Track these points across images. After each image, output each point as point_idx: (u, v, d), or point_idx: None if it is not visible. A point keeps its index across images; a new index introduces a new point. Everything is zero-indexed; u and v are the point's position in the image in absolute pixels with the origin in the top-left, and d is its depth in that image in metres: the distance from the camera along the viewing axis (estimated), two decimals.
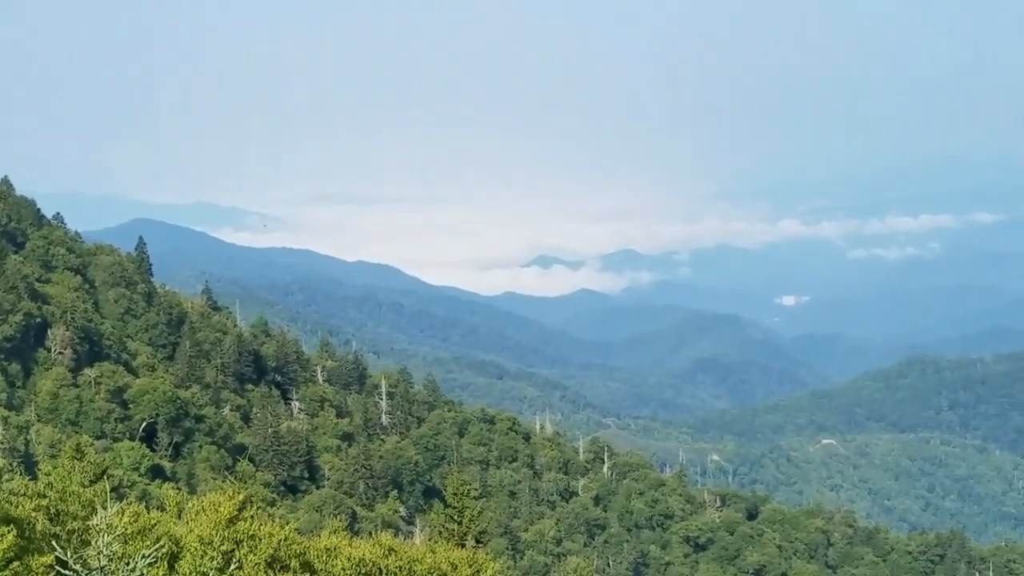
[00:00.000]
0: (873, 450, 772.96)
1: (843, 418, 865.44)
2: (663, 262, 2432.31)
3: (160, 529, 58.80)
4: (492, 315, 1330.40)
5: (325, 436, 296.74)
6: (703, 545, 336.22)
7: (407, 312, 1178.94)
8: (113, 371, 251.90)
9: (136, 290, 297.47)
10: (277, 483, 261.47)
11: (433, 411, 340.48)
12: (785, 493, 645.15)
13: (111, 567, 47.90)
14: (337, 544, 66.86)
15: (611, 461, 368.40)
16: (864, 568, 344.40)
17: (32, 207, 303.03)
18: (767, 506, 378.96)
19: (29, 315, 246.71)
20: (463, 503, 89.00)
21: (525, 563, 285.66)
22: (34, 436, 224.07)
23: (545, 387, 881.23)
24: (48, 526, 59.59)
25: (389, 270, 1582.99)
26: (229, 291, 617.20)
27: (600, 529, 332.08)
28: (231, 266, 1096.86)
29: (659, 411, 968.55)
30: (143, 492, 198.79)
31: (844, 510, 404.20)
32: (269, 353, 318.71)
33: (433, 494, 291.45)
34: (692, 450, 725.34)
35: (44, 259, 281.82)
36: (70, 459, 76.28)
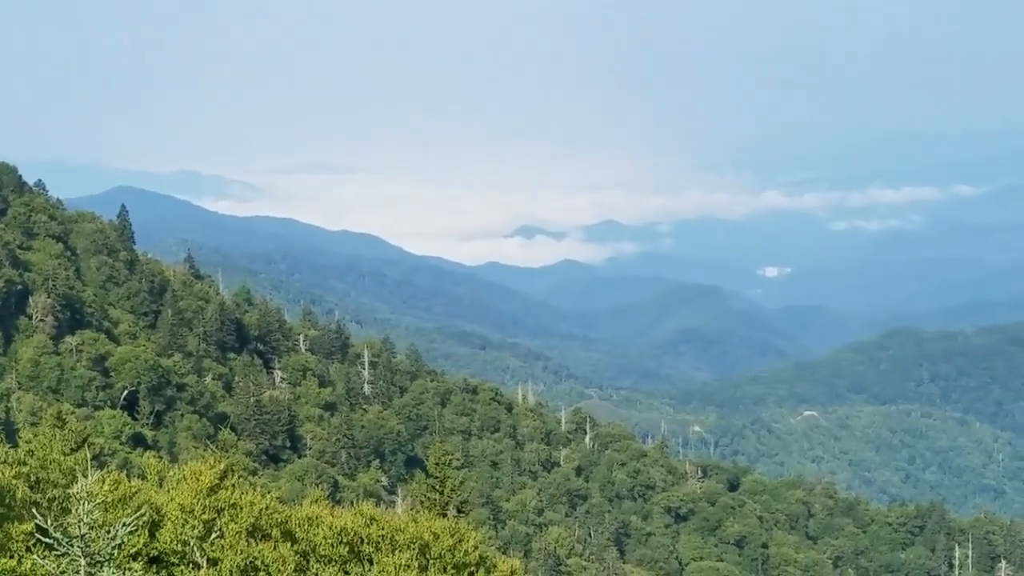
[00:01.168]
0: (854, 422, 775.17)
1: (824, 390, 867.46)
2: (646, 233, 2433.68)
3: (141, 497, 58.62)
4: (475, 285, 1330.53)
5: (307, 405, 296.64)
6: (684, 516, 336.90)
7: (390, 282, 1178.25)
8: (95, 339, 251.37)
9: (118, 258, 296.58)
10: (259, 452, 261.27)
11: (415, 381, 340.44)
12: (766, 464, 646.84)
13: (92, 535, 47.68)
14: (319, 513, 66.74)
15: (593, 432, 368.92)
16: (844, 539, 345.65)
17: (13, 174, 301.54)
18: (748, 477, 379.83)
19: (10, 282, 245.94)
20: (445, 473, 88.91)
21: (507, 533, 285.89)
22: (15, 404, 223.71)
23: (527, 357, 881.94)
24: (28, 493, 59.35)
25: (372, 239, 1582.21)
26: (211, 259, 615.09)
27: (582, 499, 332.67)
28: (213, 234, 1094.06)
29: (641, 382, 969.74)
30: (124, 460, 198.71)
31: (825, 481, 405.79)
32: (251, 322, 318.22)
33: (415, 464, 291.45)
34: (674, 421, 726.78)
35: (25, 226, 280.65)
36: (51, 427, 76.08)
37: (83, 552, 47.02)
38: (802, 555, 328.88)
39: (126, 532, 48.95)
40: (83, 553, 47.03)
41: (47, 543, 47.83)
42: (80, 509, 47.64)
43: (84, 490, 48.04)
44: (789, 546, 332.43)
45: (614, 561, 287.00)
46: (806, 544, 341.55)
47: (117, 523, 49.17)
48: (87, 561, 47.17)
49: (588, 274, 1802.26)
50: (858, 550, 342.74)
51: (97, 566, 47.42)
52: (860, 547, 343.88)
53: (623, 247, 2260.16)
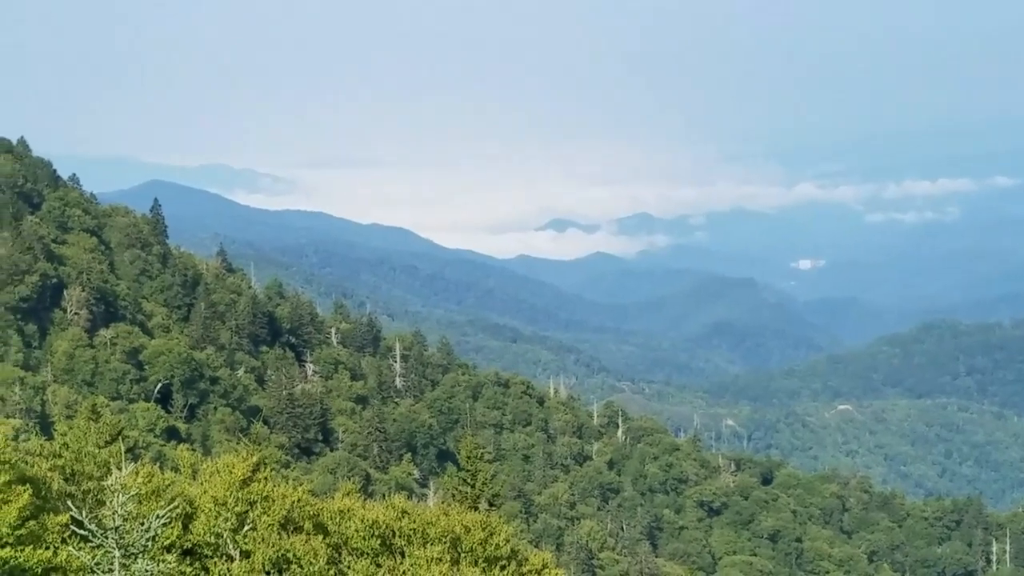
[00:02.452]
0: (889, 415, 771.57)
1: (859, 383, 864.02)
2: (678, 225, 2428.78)
3: (174, 490, 59.05)
4: (507, 278, 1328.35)
5: (339, 398, 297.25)
6: (717, 510, 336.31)
7: (421, 275, 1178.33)
8: (128, 332, 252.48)
9: (151, 251, 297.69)
10: (291, 445, 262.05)
11: (447, 374, 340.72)
12: (800, 458, 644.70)
13: (126, 527, 48.02)
14: (351, 506, 67.05)
15: (625, 425, 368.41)
16: (879, 533, 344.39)
17: (48, 168, 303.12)
18: (782, 471, 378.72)
19: (45, 276, 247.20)
20: (477, 466, 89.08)
21: (539, 526, 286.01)
22: (50, 396, 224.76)
23: (559, 350, 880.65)
24: (64, 486, 59.84)
25: (403, 233, 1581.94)
26: (243, 253, 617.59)
27: (614, 493, 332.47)
28: (245, 228, 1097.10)
29: (673, 375, 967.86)
30: (158, 453, 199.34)
31: (860, 475, 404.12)
32: (283, 315, 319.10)
33: (447, 457, 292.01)
34: (707, 415, 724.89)
35: (60, 220, 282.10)
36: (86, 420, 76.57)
37: (117, 544, 47.36)
38: (837, 550, 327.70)
39: (160, 524, 49.29)
40: (117, 545, 47.37)
41: (82, 535, 48.21)
42: (114, 501, 47.98)
43: (118, 482, 48.39)
44: (823, 540, 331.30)
45: (647, 555, 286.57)
46: (841, 538, 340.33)
47: (151, 515, 49.52)
48: (121, 553, 47.52)
49: (620, 267, 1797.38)
50: (894, 545, 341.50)
51: (131, 558, 47.76)
52: (896, 542, 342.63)
53: (656, 240, 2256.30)
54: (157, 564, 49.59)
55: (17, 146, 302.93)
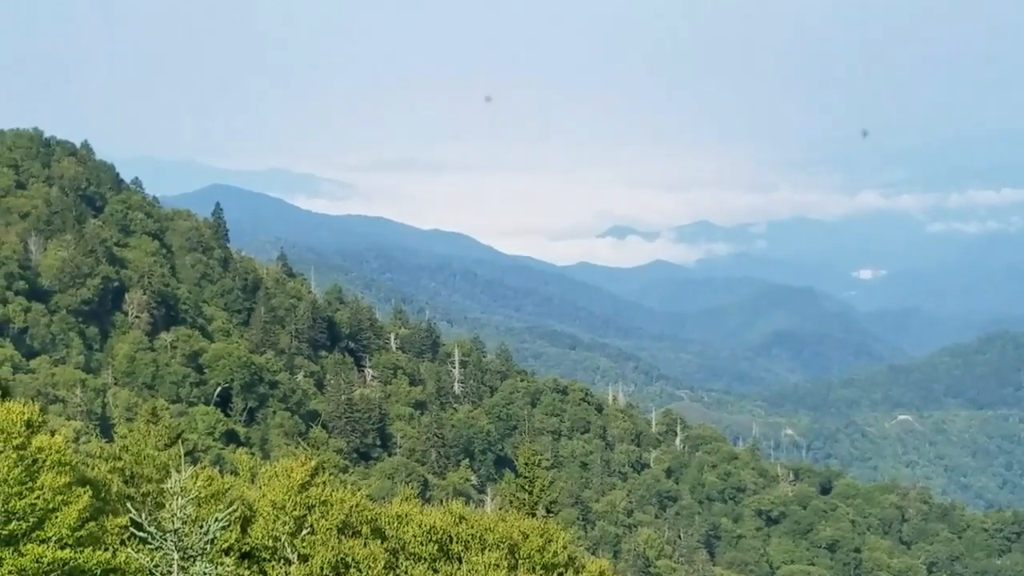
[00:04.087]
0: (950, 426, 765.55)
1: (920, 394, 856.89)
2: (738, 234, 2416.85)
3: (233, 493, 59.24)
4: (566, 285, 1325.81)
5: (398, 404, 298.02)
6: (776, 519, 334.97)
7: (481, 281, 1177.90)
8: (189, 335, 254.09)
9: (212, 255, 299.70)
10: (350, 450, 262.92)
11: (506, 380, 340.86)
12: (860, 468, 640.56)
13: (185, 530, 48.20)
14: (408, 511, 67.06)
15: (684, 433, 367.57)
16: (939, 545, 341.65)
17: (111, 171, 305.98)
18: (841, 481, 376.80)
19: (107, 279, 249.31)
20: (534, 473, 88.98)
21: (596, 534, 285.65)
22: (111, 399, 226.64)
23: (618, 358, 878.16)
24: (123, 488, 60.17)
25: (463, 239, 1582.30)
26: (304, 258, 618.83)
27: (672, 501, 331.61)
28: (306, 233, 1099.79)
29: (733, 384, 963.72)
30: (217, 456, 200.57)
31: (919, 486, 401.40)
32: (343, 320, 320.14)
33: (505, 463, 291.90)
34: (766, 424, 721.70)
35: (122, 223, 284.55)
36: (146, 423, 77.01)
37: (176, 546, 47.57)
38: (896, 560, 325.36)
39: (218, 527, 49.44)
40: (176, 547, 47.58)
41: (141, 537, 48.42)
42: (174, 504, 48.18)
43: (178, 485, 48.59)
44: (882, 551, 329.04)
45: (704, 563, 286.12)
46: (900, 549, 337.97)
47: (210, 518, 49.69)
48: (180, 556, 47.73)
49: (680, 275, 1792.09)
50: (953, 556, 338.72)
51: (190, 560, 47.97)
52: (955, 553, 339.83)
53: (716, 248, 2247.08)
54: (215, 567, 49.76)
55: (80, 149, 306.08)
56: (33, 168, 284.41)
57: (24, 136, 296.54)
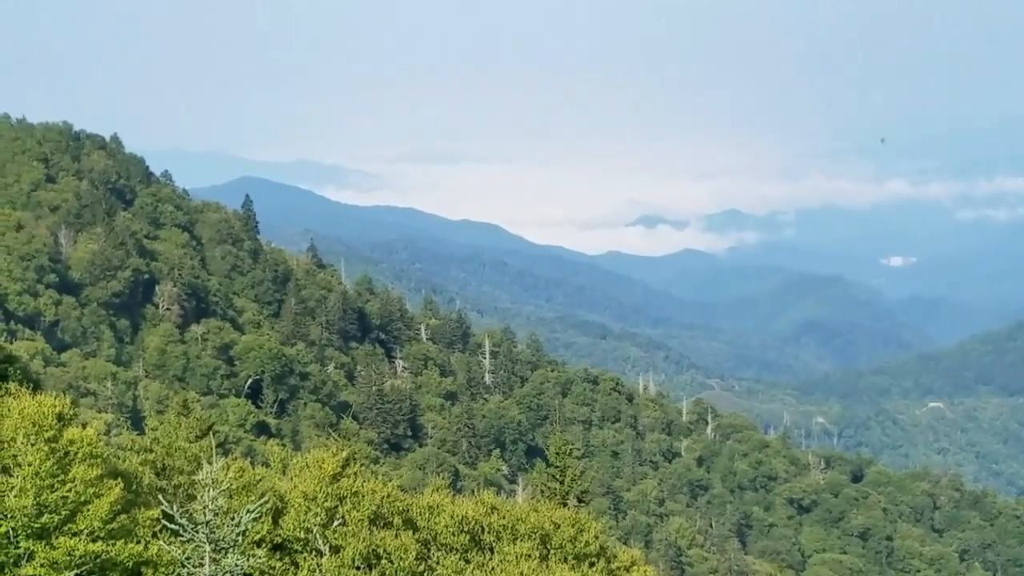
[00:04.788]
0: (981, 414, 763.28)
1: (950, 381, 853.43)
2: (768, 222, 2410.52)
3: (264, 485, 59.27)
4: (596, 274, 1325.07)
5: (428, 394, 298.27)
6: (807, 507, 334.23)
7: (511, 271, 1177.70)
8: (219, 328, 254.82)
9: (242, 247, 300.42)
10: (380, 441, 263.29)
11: (536, 370, 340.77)
12: (891, 456, 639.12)
13: (216, 522, 48.19)
14: (440, 502, 66.99)
15: (714, 422, 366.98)
16: (971, 532, 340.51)
17: (141, 164, 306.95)
18: (872, 469, 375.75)
19: (137, 271, 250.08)
20: (565, 462, 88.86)
21: (627, 523, 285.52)
22: (142, 392, 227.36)
23: (648, 347, 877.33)
24: (155, 480, 60.20)
25: (493, 229, 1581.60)
26: (334, 249, 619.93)
27: (703, 490, 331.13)
28: (336, 224, 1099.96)
29: (763, 373, 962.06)
30: (248, 448, 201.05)
31: (951, 474, 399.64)
32: (373, 311, 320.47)
33: (536, 453, 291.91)
34: (796, 412, 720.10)
35: (152, 216, 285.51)
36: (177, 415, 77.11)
37: (208, 538, 47.56)
38: (927, 548, 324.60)
39: (250, 519, 49.44)
40: (208, 539, 47.57)
41: (173, 529, 48.43)
42: (205, 496, 48.17)
43: (209, 477, 48.59)
44: (914, 539, 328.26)
45: (735, 552, 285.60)
46: (931, 537, 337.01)
47: (241, 510, 49.68)
48: (212, 547, 47.72)
49: (710, 264, 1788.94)
50: (985, 543, 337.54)
51: (221, 552, 47.96)
52: (987, 540, 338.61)
53: (745, 237, 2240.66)
54: (247, 559, 49.75)
55: (110, 143, 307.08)
56: (63, 161, 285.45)
57: (54, 130, 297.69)
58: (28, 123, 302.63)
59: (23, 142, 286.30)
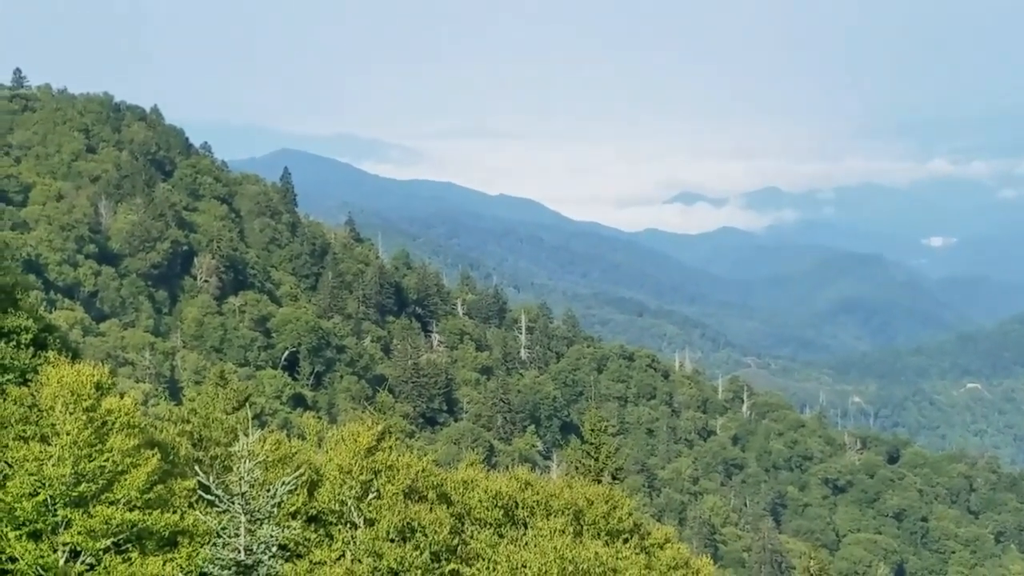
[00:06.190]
0: (1019, 395, 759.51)
1: (989, 362, 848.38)
2: (807, 200, 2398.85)
3: (300, 457, 59.59)
4: (633, 251, 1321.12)
5: (464, 369, 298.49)
6: (842, 487, 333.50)
7: (547, 247, 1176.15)
8: (257, 300, 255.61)
9: (281, 220, 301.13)
10: (416, 415, 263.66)
11: (572, 347, 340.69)
12: (927, 437, 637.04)
13: (252, 493, 48.54)
14: (474, 477, 67.27)
15: (750, 401, 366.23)
16: (1007, 515, 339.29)
17: (180, 136, 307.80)
18: (908, 450, 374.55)
19: (176, 243, 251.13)
20: (600, 439, 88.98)
21: (662, 500, 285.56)
22: (179, 362, 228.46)
23: (685, 325, 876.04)
24: (191, 451, 60.63)
25: (531, 204, 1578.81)
26: (371, 223, 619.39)
27: (738, 469, 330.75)
28: (373, 198, 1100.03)
29: (799, 351, 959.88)
30: (284, 420, 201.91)
31: (988, 456, 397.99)
32: (410, 285, 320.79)
33: (570, 429, 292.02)
34: (833, 391, 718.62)
35: (192, 187, 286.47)
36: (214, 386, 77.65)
37: (243, 509, 47.92)
38: (963, 530, 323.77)
39: (286, 491, 49.79)
40: (243, 510, 47.93)
41: (209, 500, 48.79)
42: (241, 467, 48.53)
43: (245, 449, 48.94)
44: (950, 520, 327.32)
45: (770, 532, 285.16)
46: (967, 519, 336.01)
47: (277, 482, 50.03)
48: (247, 518, 48.07)
49: (748, 241, 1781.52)
50: (1021, 526, 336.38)
51: (257, 523, 48.31)
52: (1023, 523, 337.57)
53: (784, 215, 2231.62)
54: (282, 530, 50.08)
55: (150, 114, 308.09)
56: (103, 132, 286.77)
57: (95, 101, 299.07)
58: (69, 94, 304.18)
59: (64, 113, 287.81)
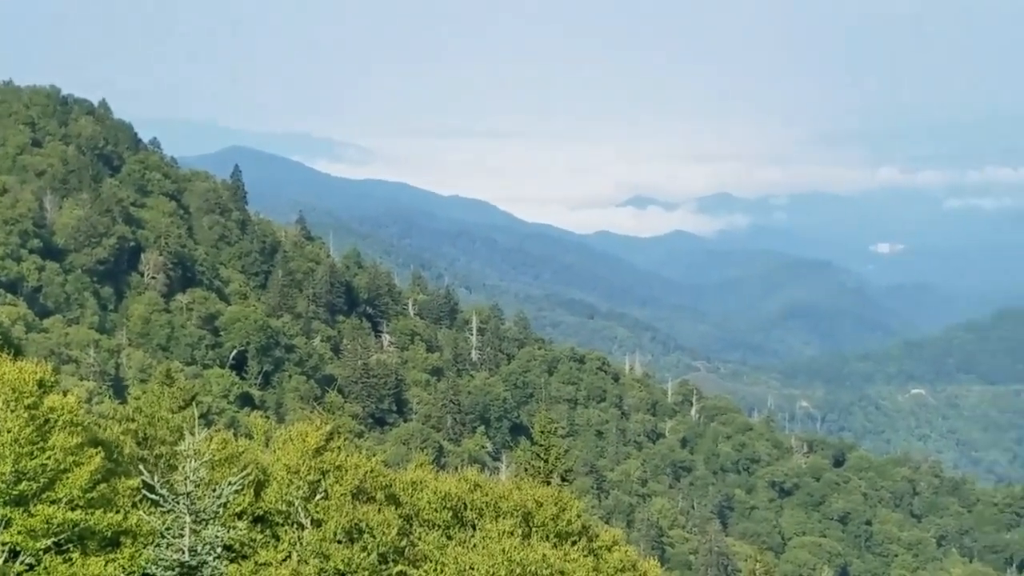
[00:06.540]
0: (963, 401, 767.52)
1: (933, 368, 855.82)
2: (759, 206, 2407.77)
3: (247, 457, 58.87)
4: (585, 254, 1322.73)
5: (414, 370, 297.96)
6: (789, 490, 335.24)
7: (500, 248, 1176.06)
8: (205, 298, 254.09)
9: (230, 217, 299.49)
10: (365, 415, 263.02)
11: (523, 348, 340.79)
12: (873, 441, 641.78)
13: (197, 493, 47.85)
14: (423, 478, 66.76)
15: (699, 404, 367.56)
16: (949, 518, 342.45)
17: (129, 131, 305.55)
18: (854, 454, 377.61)
19: (123, 239, 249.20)
20: (550, 441, 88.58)
21: (610, 503, 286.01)
22: (125, 360, 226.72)
23: (636, 328, 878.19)
24: (136, 450, 59.77)
25: (483, 205, 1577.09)
26: (323, 222, 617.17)
27: (686, 471, 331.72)
28: (325, 196, 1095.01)
29: (749, 356, 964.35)
30: (232, 419, 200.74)
31: (931, 460, 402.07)
32: (361, 285, 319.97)
33: (520, 431, 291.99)
34: (781, 396, 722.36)
35: (139, 183, 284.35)
36: (160, 384, 76.65)
37: (188, 509, 47.23)
38: (906, 533, 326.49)
39: (232, 491, 49.12)
40: (188, 510, 47.23)
41: (153, 499, 48.07)
42: (187, 467, 47.83)
43: (191, 448, 48.26)
44: (893, 524, 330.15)
45: (716, 534, 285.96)
46: (910, 522, 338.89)
47: (223, 482, 49.36)
48: (192, 518, 47.38)
49: (699, 246, 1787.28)
50: (963, 530, 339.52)
51: (202, 523, 47.63)
52: (965, 527, 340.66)
53: (735, 219, 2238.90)
54: (227, 530, 49.45)
55: (98, 108, 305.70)
56: (50, 126, 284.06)
57: (41, 93, 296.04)
58: (15, 86, 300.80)
59: (9, 105, 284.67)
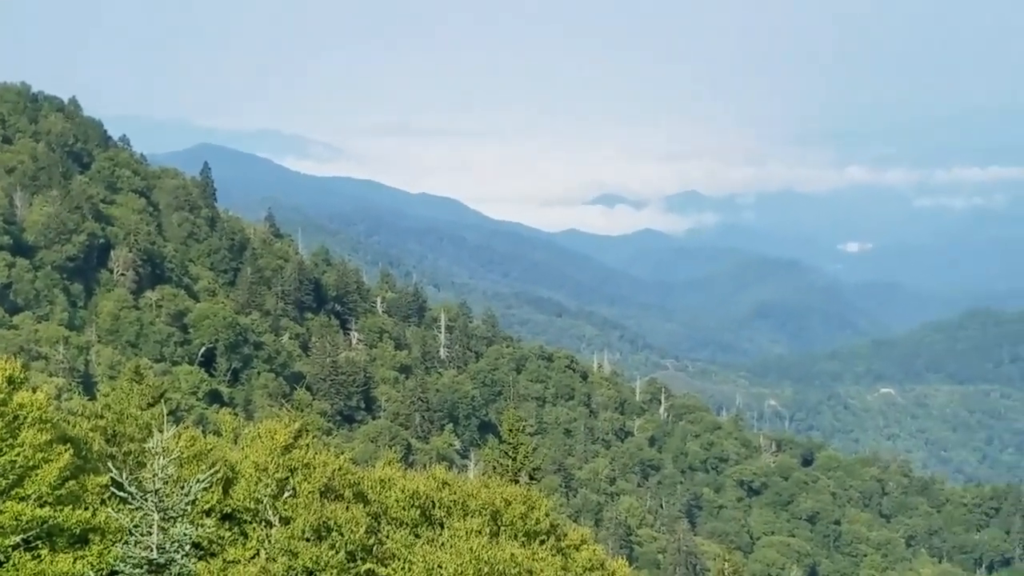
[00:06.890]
0: (931, 401, 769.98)
1: (902, 368, 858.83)
2: (727, 205, 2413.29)
3: (216, 454, 58.89)
4: (554, 252, 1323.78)
5: (383, 367, 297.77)
6: (757, 490, 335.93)
7: (469, 246, 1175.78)
8: (174, 295, 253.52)
9: (200, 214, 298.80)
10: (333, 412, 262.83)
11: (491, 346, 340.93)
12: (841, 441, 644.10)
13: (166, 490, 47.83)
14: (391, 475, 66.83)
15: (668, 403, 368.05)
16: (918, 518, 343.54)
17: (99, 128, 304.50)
18: (822, 453, 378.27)
19: (93, 236, 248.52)
20: (518, 439, 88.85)
21: (578, 501, 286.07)
22: (94, 357, 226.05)
23: (604, 326, 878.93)
24: (104, 447, 59.72)
25: (452, 203, 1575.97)
26: (291, 219, 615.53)
27: (654, 470, 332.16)
28: (294, 194, 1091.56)
29: (717, 354, 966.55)
30: (200, 417, 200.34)
31: (900, 460, 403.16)
32: (330, 282, 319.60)
33: (488, 429, 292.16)
34: (749, 395, 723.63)
35: (109, 180, 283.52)
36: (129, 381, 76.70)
37: (157, 507, 47.20)
38: (875, 533, 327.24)
39: (200, 488, 49.12)
40: (157, 508, 47.21)
41: (121, 497, 48.05)
42: (155, 464, 47.81)
43: (160, 445, 48.23)
44: (862, 523, 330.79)
45: (685, 533, 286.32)
46: (879, 522, 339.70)
47: (191, 479, 49.37)
48: (160, 516, 47.35)
49: (668, 244, 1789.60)
50: (932, 530, 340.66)
51: (170, 521, 47.61)
52: (934, 527, 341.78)
53: (704, 218, 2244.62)
54: (196, 528, 49.46)
55: (68, 105, 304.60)
56: (19, 123, 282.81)
57: (11, 90, 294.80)
58: None
59: None
